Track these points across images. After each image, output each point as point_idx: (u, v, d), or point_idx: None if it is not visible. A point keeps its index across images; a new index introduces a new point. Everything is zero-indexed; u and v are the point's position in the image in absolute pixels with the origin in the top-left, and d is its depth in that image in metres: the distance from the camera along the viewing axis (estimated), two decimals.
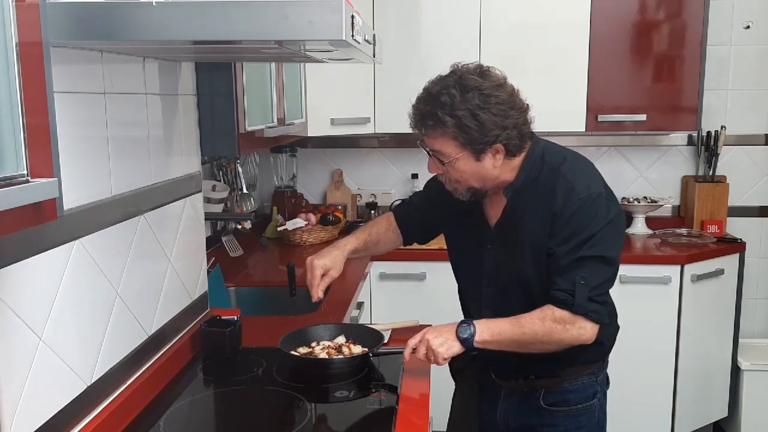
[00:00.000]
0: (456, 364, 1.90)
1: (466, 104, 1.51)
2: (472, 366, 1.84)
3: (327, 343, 1.84)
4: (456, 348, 1.58)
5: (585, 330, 1.58)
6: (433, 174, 1.70)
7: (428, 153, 1.63)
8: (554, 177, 1.62)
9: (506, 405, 1.79)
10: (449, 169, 1.60)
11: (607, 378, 1.82)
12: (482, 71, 1.57)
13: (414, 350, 1.62)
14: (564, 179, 1.61)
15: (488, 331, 1.58)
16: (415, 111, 1.61)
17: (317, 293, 1.82)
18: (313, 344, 1.83)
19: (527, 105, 1.61)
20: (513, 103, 1.57)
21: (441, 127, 1.54)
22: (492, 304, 1.73)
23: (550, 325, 1.57)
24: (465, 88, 1.52)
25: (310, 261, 1.84)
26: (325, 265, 1.83)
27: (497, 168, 1.60)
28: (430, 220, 1.91)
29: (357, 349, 1.79)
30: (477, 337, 1.57)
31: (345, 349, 1.79)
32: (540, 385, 1.73)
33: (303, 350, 1.80)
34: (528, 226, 1.64)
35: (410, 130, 1.64)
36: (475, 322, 1.59)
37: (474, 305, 1.79)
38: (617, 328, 1.78)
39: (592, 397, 1.75)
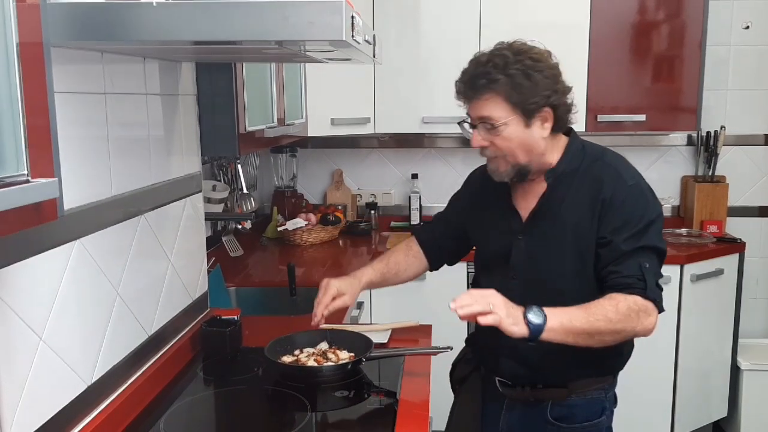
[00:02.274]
0: (458, 373, 1.88)
1: (519, 64, 1.51)
2: (475, 374, 1.80)
3: (311, 350, 1.80)
4: (521, 330, 1.42)
5: (652, 318, 1.51)
6: (477, 147, 1.60)
7: (471, 126, 1.59)
8: (598, 167, 1.60)
9: (509, 416, 1.72)
10: (496, 138, 1.55)
11: (615, 397, 1.75)
12: (530, 44, 1.59)
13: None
14: (609, 167, 1.60)
15: (558, 319, 1.43)
16: (463, 76, 1.58)
17: (320, 313, 1.74)
18: (297, 351, 1.80)
19: (569, 86, 1.61)
20: (560, 73, 1.58)
21: (493, 86, 1.52)
22: (517, 298, 1.55)
23: (624, 311, 1.47)
24: (517, 50, 1.54)
25: (327, 281, 1.77)
26: (340, 288, 1.76)
27: (545, 140, 1.57)
28: (458, 230, 1.85)
29: (344, 355, 1.77)
30: (548, 325, 1.42)
31: (331, 356, 1.76)
32: (547, 396, 1.66)
33: (288, 359, 1.76)
34: (570, 215, 1.59)
35: (410, 130, 1.62)
36: (544, 309, 1.44)
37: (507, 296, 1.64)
38: (633, 342, 1.72)
39: (600, 414, 1.68)
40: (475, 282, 1.82)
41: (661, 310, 1.54)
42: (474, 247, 1.85)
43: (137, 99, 1.60)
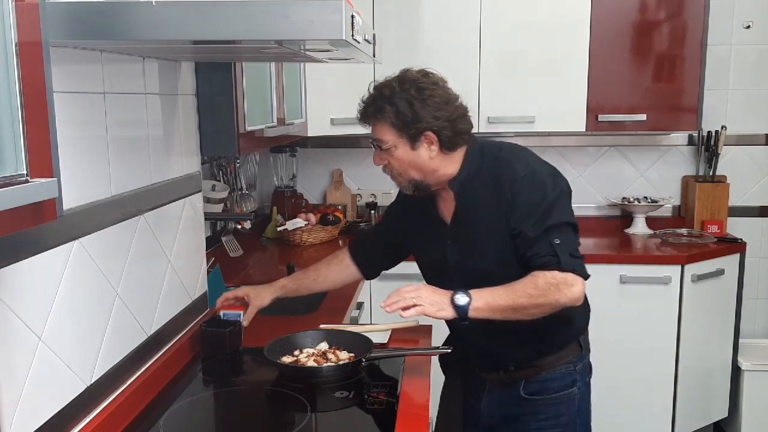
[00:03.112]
0: (444, 359, 2.00)
1: (403, 94, 1.67)
2: (458, 362, 1.92)
3: (311, 350, 1.80)
4: (448, 313, 1.62)
5: (576, 287, 1.63)
6: (378, 166, 1.77)
7: (373, 146, 1.75)
8: (495, 165, 1.72)
9: (489, 397, 1.87)
10: (389, 158, 1.72)
11: (590, 366, 1.89)
12: (425, 72, 1.73)
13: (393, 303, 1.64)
14: (505, 163, 1.72)
15: (483, 299, 1.62)
16: (359, 105, 1.75)
17: (219, 302, 1.95)
18: (296, 352, 1.80)
19: (466, 108, 1.74)
20: (448, 99, 1.71)
21: (380, 114, 1.69)
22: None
23: (543, 286, 1.61)
24: (404, 81, 1.69)
25: (242, 287, 1.99)
26: (248, 291, 1.97)
27: (434, 160, 1.71)
28: (392, 237, 1.98)
29: (344, 355, 1.77)
30: (473, 305, 1.61)
31: (331, 356, 1.76)
32: (520, 376, 1.80)
33: (288, 359, 1.76)
34: (482, 217, 1.72)
35: None
36: (469, 292, 1.62)
37: None
38: (588, 309, 1.85)
39: (571, 385, 1.81)
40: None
41: (584, 276, 1.66)
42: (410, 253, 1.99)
43: (136, 99, 1.60)
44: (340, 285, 2.09)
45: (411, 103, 1.66)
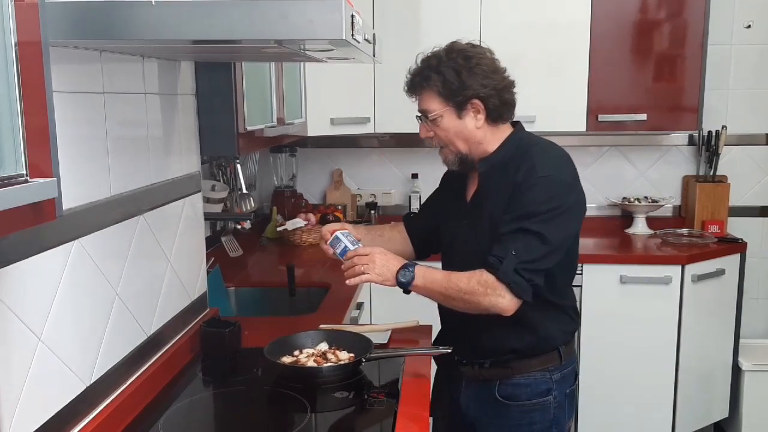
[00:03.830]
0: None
1: (450, 63, 1.68)
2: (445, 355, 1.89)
3: (311, 350, 1.80)
4: (390, 284, 1.71)
5: (503, 300, 1.63)
6: (424, 138, 1.77)
7: (420, 119, 1.76)
8: (523, 158, 1.71)
9: (467, 393, 1.86)
10: (436, 129, 1.73)
11: (575, 376, 1.86)
12: (472, 44, 1.74)
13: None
14: (529, 158, 1.70)
15: (423, 278, 1.69)
16: (406, 76, 1.76)
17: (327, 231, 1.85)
18: (296, 352, 1.79)
19: (513, 81, 1.75)
20: (495, 69, 1.71)
21: (427, 83, 1.70)
22: None
23: (474, 285, 1.64)
24: (451, 50, 1.71)
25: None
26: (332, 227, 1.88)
27: (480, 130, 1.72)
28: (436, 215, 1.95)
29: (344, 355, 1.77)
30: (414, 282, 1.69)
31: (331, 356, 1.76)
32: (494, 375, 1.79)
33: (287, 359, 1.76)
34: (492, 201, 1.73)
35: (410, 130, 1.72)
36: (417, 268, 1.69)
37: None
38: (571, 321, 1.83)
39: (546, 394, 1.78)
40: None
41: (520, 297, 1.64)
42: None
43: (136, 98, 1.60)
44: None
45: (458, 72, 1.67)
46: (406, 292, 1.72)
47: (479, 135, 1.72)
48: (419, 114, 1.76)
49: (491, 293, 1.63)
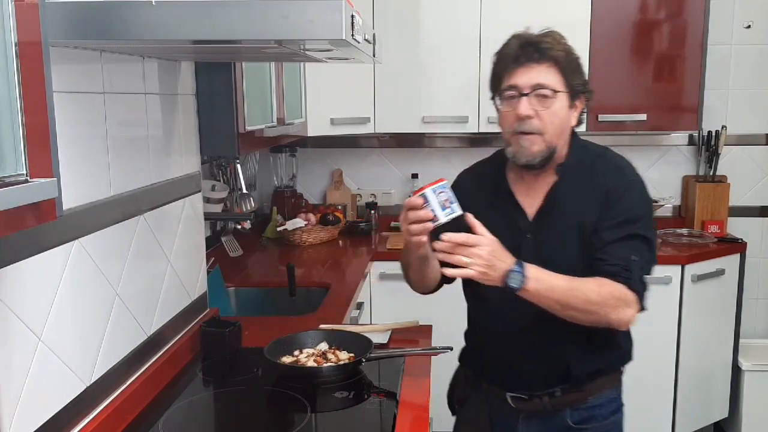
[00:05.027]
0: (458, 394, 1.82)
1: (568, 47, 1.56)
2: (478, 393, 1.74)
3: (311, 350, 1.80)
4: (492, 284, 1.45)
5: (630, 311, 1.51)
6: (524, 116, 1.52)
7: (519, 93, 1.53)
8: (601, 162, 1.62)
9: (527, 429, 1.67)
10: (545, 111, 1.52)
11: None
12: None
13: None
14: (611, 162, 1.63)
15: (537, 282, 1.45)
16: (517, 42, 1.58)
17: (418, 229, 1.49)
18: (296, 352, 1.79)
19: None
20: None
21: (553, 54, 1.53)
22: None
23: (606, 296, 1.47)
24: (561, 37, 1.59)
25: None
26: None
27: (569, 129, 1.59)
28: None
29: (343, 355, 1.77)
30: (525, 286, 1.44)
31: (331, 356, 1.76)
32: (565, 403, 1.63)
33: (287, 359, 1.76)
34: (577, 211, 1.57)
35: (410, 130, 1.61)
36: (527, 268, 1.44)
37: (507, 305, 1.55)
38: (631, 339, 1.75)
39: (617, 410, 1.70)
40: (481, 296, 1.68)
41: (642, 307, 1.54)
42: None
43: (136, 98, 1.60)
44: (432, 286, 1.74)
45: (576, 57, 1.56)
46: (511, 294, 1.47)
47: (568, 135, 1.59)
48: (524, 90, 1.52)
49: (622, 306, 1.49)
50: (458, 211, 1.45)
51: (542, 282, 1.46)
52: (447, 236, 1.43)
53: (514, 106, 1.54)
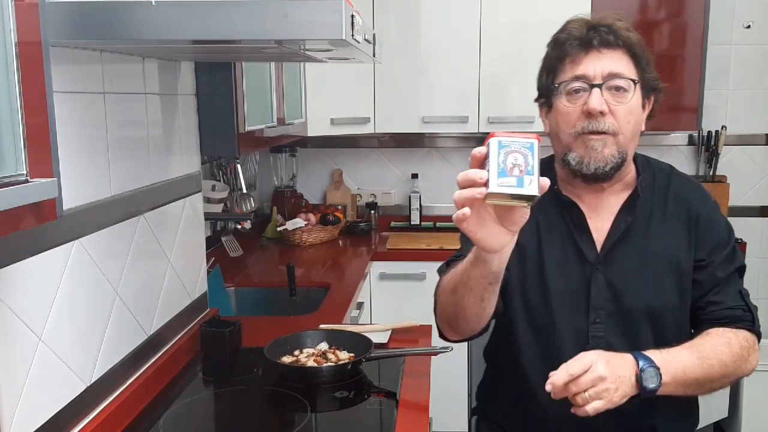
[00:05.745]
0: None
1: (638, 36, 1.33)
2: None
3: (311, 350, 1.80)
4: (629, 395, 1.19)
5: (756, 356, 1.33)
6: (597, 109, 1.26)
7: (592, 85, 1.29)
8: (675, 180, 1.40)
9: None
10: (619, 107, 1.27)
11: None
12: None
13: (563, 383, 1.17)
14: (688, 181, 1.41)
15: (669, 370, 1.20)
16: (585, 27, 1.36)
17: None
18: (296, 352, 1.79)
19: None
20: None
21: (628, 38, 1.29)
22: (603, 345, 1.30)
23: (737, 351, 1.27)
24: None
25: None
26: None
27: (639, 133, 1.34)
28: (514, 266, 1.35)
29: (343, 355, 1.77)
30: (663, 381, 1.19)
31: (331, 356, 1.76)
32: None
33: (288, 359, 1.75)
34: (661, 237, 1.34)
35: (410, 130, 1.55)
36: (655, 359, 1.20)
37: (572, 353, 1.23)
38: None
39: None
40: (518, 339, 1.41)
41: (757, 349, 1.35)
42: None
43: (136, 98, 1.60)
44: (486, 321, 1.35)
45: (645, 47, 1.32)
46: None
47: (638, 141, 1.33)
48: (595, 80, 1.28)
49: (752, 354, 1.30)
50: (531, 191, 0.95)
51: (673, 368, 1.20)
52: (554, 378, 1.16)
53: (581, 100, 1.29)
